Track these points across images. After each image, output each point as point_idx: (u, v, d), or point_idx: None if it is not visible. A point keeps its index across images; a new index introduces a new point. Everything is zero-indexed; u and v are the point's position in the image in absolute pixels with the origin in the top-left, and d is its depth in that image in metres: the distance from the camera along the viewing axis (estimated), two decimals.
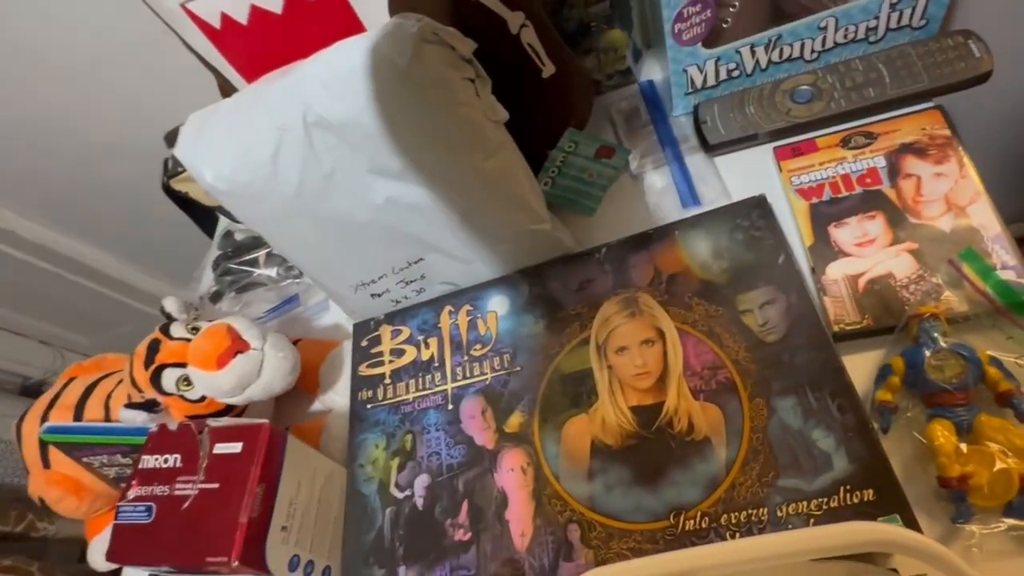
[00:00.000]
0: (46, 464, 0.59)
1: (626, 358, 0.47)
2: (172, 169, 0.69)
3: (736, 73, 0.58)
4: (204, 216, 0.82)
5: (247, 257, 0.70)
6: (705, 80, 0.58)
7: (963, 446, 0.38)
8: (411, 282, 0.56)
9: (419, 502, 0.48)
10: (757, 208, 0.49)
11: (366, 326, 0.58)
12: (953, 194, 0.47)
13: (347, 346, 0.59)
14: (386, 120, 0.39)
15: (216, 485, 0.42)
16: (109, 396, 0.56)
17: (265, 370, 0.48)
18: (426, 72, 0.38)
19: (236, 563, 0.39)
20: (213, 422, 0.44)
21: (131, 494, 0.44)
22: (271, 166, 0.43)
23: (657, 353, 0.46)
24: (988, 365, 0.40)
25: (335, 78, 0.39)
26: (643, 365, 0.46)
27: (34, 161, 0.97)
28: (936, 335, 0.41)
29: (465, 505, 0.46)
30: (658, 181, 0.59)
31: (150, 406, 0.48)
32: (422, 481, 0.49)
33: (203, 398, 0.49)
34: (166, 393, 0.48)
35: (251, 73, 0.47)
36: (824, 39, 0.55)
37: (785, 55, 0.56)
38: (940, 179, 0.48)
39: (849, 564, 0.32)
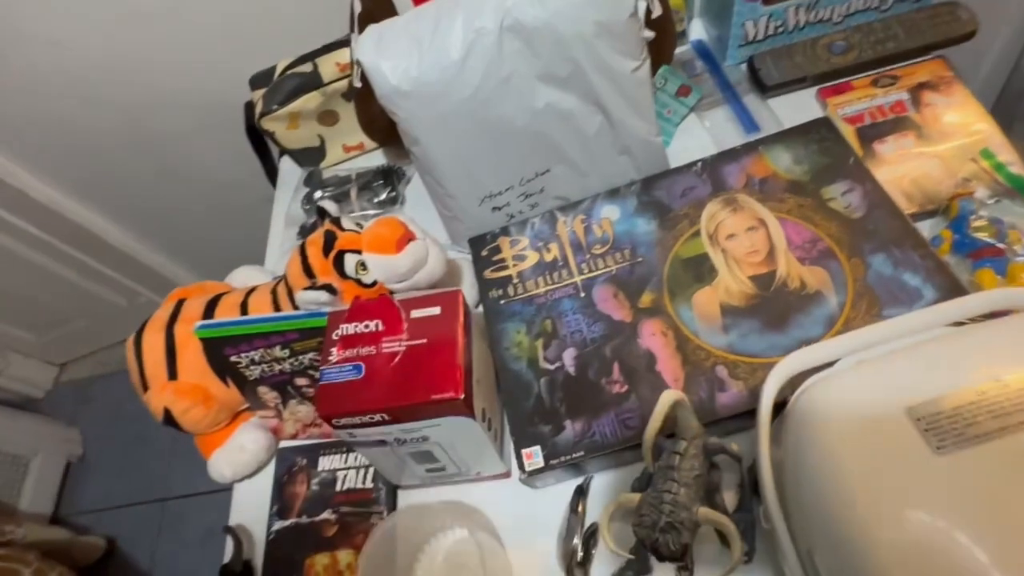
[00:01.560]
0: (172, 375, 0.59)
1: (735, 242, 0.57)
2: (265, 108, 0.72)
3: (781, 30, 0.71)
4: (271, 163, 0.84)
5: (338, 190, 0.74)
6: (756, 34, 0.71)
7: (1003, 283, 0.52)
8: (530, 195, 0.63)
9: (571, 370, 0.55)
10: (824, 126, 0.61)
11: (482, 239, 0.64)
12: (962, 116, 0.62)
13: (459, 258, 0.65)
14: (573, 28, 0.48)
15: (424, 341, 0.47)
16: (248, 297, 0.59)
17: (431, 257, 0.54)
18: None
19: (461, 396, 0.44)
20: (400, 296, 0.50)
21: (334, 357, 0.47)
22: (459, 67, 0.50)
23: (762, 236, 0.57)
24: (1011, 228, 0.54)
25: None
26: (752, 246, 0.57)
27: (70, 110, 0.94)
28: (973, 209, 0.55)
29: (616, 366, 0.54)
30: (721, 115, 0.71)
31: (330, 288, 0.52)
32: (570, 353, 0.56)
33: (374, 283, 0.53)
34: (345, 277, 0.52)
35: None
36: (848, 5, 0.69)
37: (818, 17, 0.70)
38: (951, 106, 0.63)
39: None
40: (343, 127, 0.78)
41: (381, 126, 0.67)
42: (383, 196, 0.74)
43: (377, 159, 0.81)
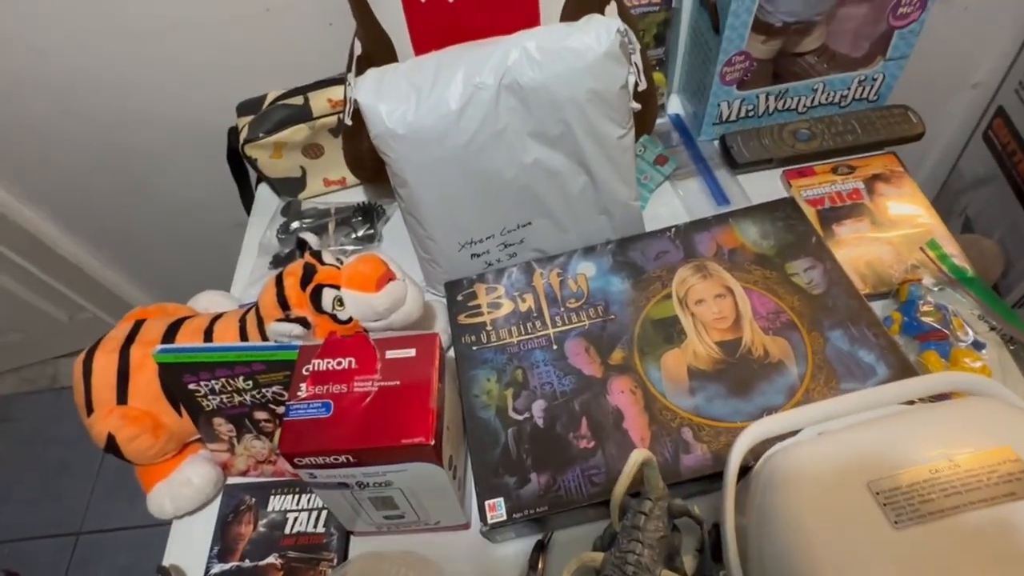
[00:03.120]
0: (121, 399, 0.56)
1: (704, 308, 0.59)
2: (251, 135, 0.72)
3: (751, 113, 0.76)
4: (248, 190, 0.84)
5: (316, 223, 0.73)
6: (730, 115, 0.76)
7: (947, 365, 0.55)
8: (510, 245, 0.65)
9: (539, 422, 0.55)
10: (790, 205, 0.65)
11: (459, 284, 0.65)
12: (911, 207, 0.67)
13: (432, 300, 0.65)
14: (568, 92, 0.50)
15: (397, 382, 0.46)
16: (213, 323, 0.57)
17: (409, 298, 0.54)
18: (611, 58, 0.50)
19: (432, 442, 0.43)
20: (374, 334, 0.49)
21: (303, 393, 0.46)
22: (456, 116, 0.52)
23: (729, 304, 0.59)
24: (954, 315, 0.58)
25: (541, 51, 0.49)
26: (719, 312, 0.59)
27: (43, 118, 0.91)
28: (921, 294, 0.59)
29: (584, 421, 0.54)
30: (694, 186, 0.75)
31: (304, 322, 0.50)
32: (539, 405, 0.56)
33: (350, 319, 0.52)
34: (321, 311, 0.51)
35: (424, 45, 0.55)
36: (813, 98, 0.76)
37: (786, 106, 0.76)
38: (901, 197, 0.69)
39: None
40: (326, 161, 0.78)
41: (367, 165, 0.68)
42: (361, 232, 0.74)
43: (356, 195, 0.81)
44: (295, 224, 0.74)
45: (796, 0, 0.68)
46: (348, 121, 0.65)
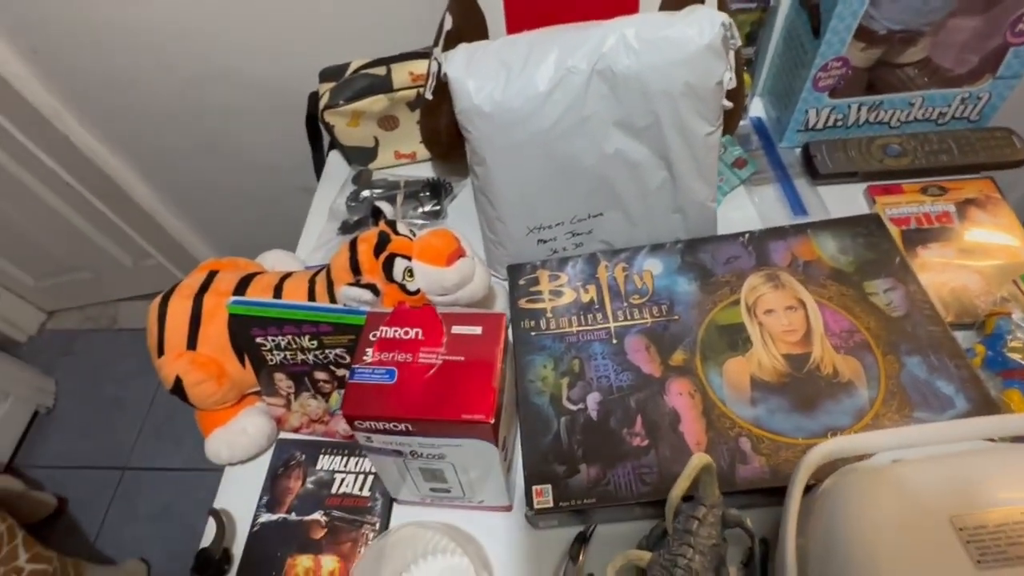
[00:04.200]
0: (191, 345, 0.58)
1: (773, 319, 0.58)
2: (331, 101, 0.73)
3: (840, 123, 0.73)
4: (321, 155, 0.85)
5: (386, 194, 0.74)
6: (816, 123, 0.73)
7: None
8: (578, 234, 0.64)
9: (593, 414, 0.54)
10: (874, 222, 0.62)
11: (522, 268, 0.65)
12: (1006, 237, 0.64)
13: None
14: (662, 84, 0.49)
15: (461, 358, 0.47)
16: (283, 281, 0.58)
17: (477, 276, 0.54)
18: (711, 52, 0.49)
19: (492, 421, 0.44)
20: (440, 308, 0.49)
21: (369, 358, 0.47)
22: (544, 98, 0.51)
23: (800, 317, 0.57)
24: None
25: (640, 40, 0.48)
26: (789, 325, 0.57)
27: (135, 65, 0.94)
28: (1010, 329, 0.56)
29: (639, 419, 0.54)
30: (770, 193, 0.72)
31: (374, 289, 0.51)
32: (594, 397, 0.55)
33: (417, 291, 0.53)
34: (391, 280, 0.52)
35: (518, 24, 0.55)
36: (909, 112, 0.72)
37: (878, 118, 0.73)
38: (996, 226, 0.65)
39: None
40: (400, 134, 0.79)
41: (442, 140, 0.68)
42: (427, 208, 0.75)
43: (424, 171, 0.82)
44: (365, 193, 0.75)
45: (904, 7, 0.65)
46: (429, 95, 0.65)
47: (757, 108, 0.82)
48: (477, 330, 0.48)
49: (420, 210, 0.75)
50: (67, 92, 1.00)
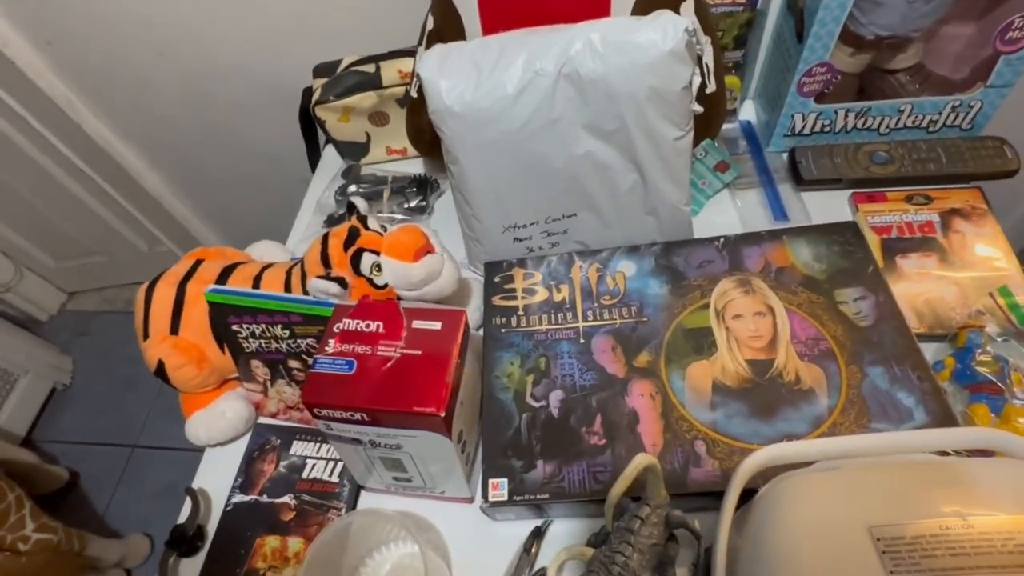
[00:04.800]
0: (174, 329, 0.61)
1: (741, 324, 0.58)
2: (322, 96, 0.75)
3: (827, 128, 0.72)
4: (316, 149, 0.87)
5: (372, 189, 0.76)
6: (803, 128, 0.72)
7: (996, 422, 0.51)
8: (553, 234, 0.65)
9: (554, 412, 0.55)
10: (850, 230, 0.62)
11: (498, 266, 0.66)
12: (989, 249, 0.63)
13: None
14: (627, 88, 0.49)
15: (419, 352, 0.48)
16: (263, 272, 0.60)
17: (444, 272, 0.55)
18: (675, 57, 0.49)
19: (442, 415, 0.45)
20: (406, 304, 0.51)
21: (331, 349, 0.49)
22: (513, 99, 0.52)
23: (768, 323, 0.57)
24: (1014, 370, 0.54)
25: (605, 44, 0.48)
26: (756, 331, 0.57)
27: (143, 60, 0.98)
28: (980, 343, 0.55)
29: (599, 418, 0.54)
30: (753, 198, 0.72)
31: (342, 282, 0.53)
32: (557, 395, 0.56)
33: (385, 285, 0.54)
34: (359, 274, 0.53)
35: (493, 25, 0.56)
36: (898, 120, 0.71)
37: (866, 124, 0.72)
38: (980, 237, 0.64)
39: None
40: (391, 130, 0.80)
41: (426, 138, 0.70)
42: (413, 203, 0.76)
43: (415, 167, 0.83)
44: (352, 187, 0.77)
45: (893, 13, 0.64)
46: (414, 93, 0.66)
47: (748, 111, 0.81)
48: (437, 326, 0.50)
49: (406, 205, 0.76)
50: (80, 83, 1.04)
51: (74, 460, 1.54)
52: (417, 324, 0.50)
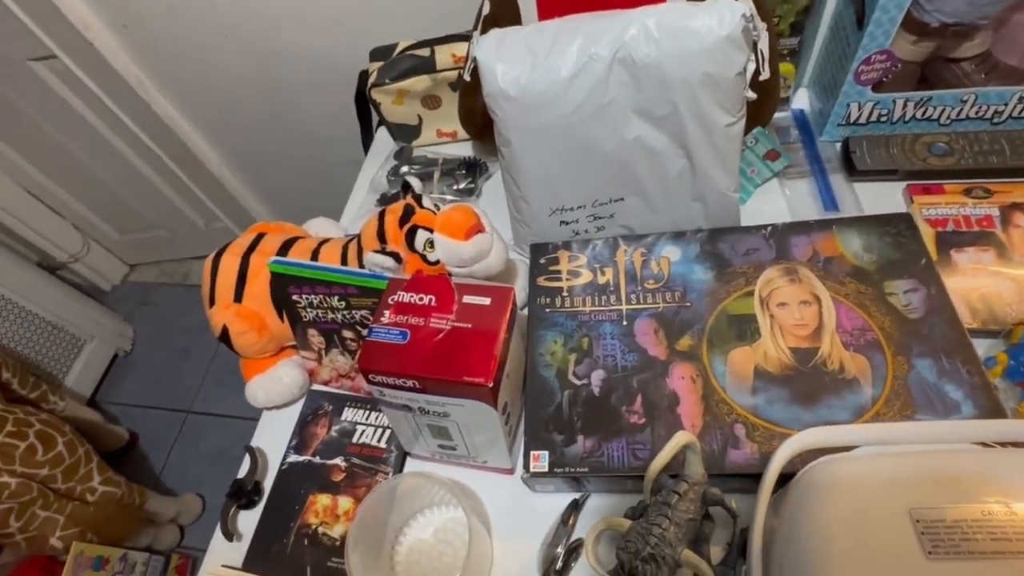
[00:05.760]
0: (238, 298, 0.65)
1: (785, 312, 0.58)
2: (378, 79, 0.78)
3: (884, 118, 0.71)
4: (369, 131, 0.90)
5: (423, 170, 0.78)
6: (859, 117, 0.71)
7: None
8: (599, 218, 0.66)
9: (596, 390, 0.57)
10: (904, 222, 0.61)
11: (544, 247, 0.67)
12: None
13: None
14: (681, 73, 0.50)
15: (469, 325, 0.50)
16: (321, 246, 0.64)
17: (493, 252, 0.57)
18: (731, 43, 0.49)
19: (490, 385, 0.47)
20: (456, 279, 0.53)
21: (386, 319, 0.51)
22: (567, 83, 0.53)
23: (813, 312, 0.57)
24: None
25: (660, 29, 0.49)
26: (801, 319, 0.57)
27: (209, 42, 1.02)
28: None
29: (640, 398, 0.56)
30: (803, 187, 0.71)
31: (397, 257, 0.56)
32: (599, 375, 0.58)
33: (437, 262, 0.57)
34: (413, 250, 0.56)
35: (549, 11, 0.57)
36: (960, 110, 0.69)
37: (926, 115, 0.70)
38: None
39: None
40: (442, 113, 0.83)
41: (477, 121, 0.71)
42: (462, 185, 0.78)
43: (465, 150, 0.85)
44: (404, 168, 0.80)
45: (959, 0, 0.62)
46: (467, 77, 0.68)
47: (802, 100, 0.80)
48: (486, 301, 0.52)
49: (455, 187, 0.78)
50: (150, 64, 1.10)
51: (133, 422, 1.64)
52: (468, 299, 0.52)
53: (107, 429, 1.51)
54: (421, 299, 0.52)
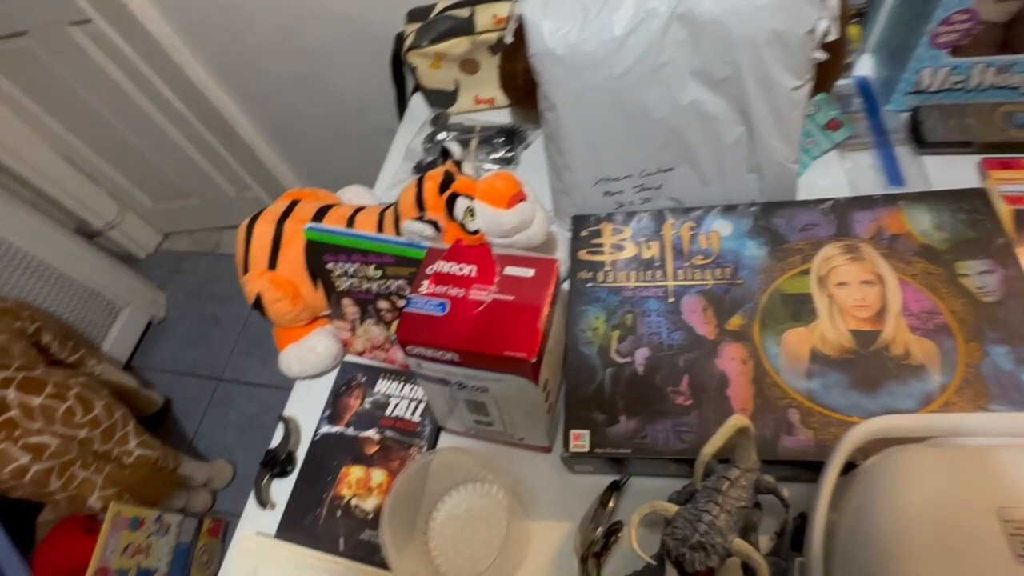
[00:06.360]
0: (272, 265, 0.64)
1: (846, 292, 0.54)
2: (415, 42, 0.75)
3: (959, 86, 0.66)
4: (404, 97, 0.87)
5: (461, 137, 0.76)
6: (931, 84, 0.66)
7: None
8: (646, 189, 0.63)
9: (639, 369, 0.54)
10: (979, 198, 0.57)
11: (586, 219, 0.64)
12: None
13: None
14: (746, 31, 0.46)
15: (511, 298, 0.48)
16: (356, 213, 0.62)
17: (536, 222, 0.54)
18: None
19: (533, 360, 0.45)
20: (499, 249, 0.51)
21: (424, 289, 0.49)
22: (619, 43, 0.50)
23: (876, 293, 0.54)
24: None
25: None
26: (862, 300, 0.54)
27: (249, 4, 1.00)
28: None
29: (686, 378, 0.53)
30: (865, 160, 0.67)
31: (436, 225, 0.53)
32: (643, 353, 0.55)
33: (477, 231, 0.54)
34: (453, 218, 0.54)
35: None
36: None
37: (1007, 82, 0.64)
38: None
39: None
40: (480, 78, 0.79)
41: (519, 84, 0.68)
42: (500, 154, 0.75)
43: (502, 118, 0.82)
44: (441, 135, 0.77)
45: None
46: (509, 39, 0.65)
47: (865, 66, 0.74)
48: (529, 273, 0.49)
49: (493, 156, 0.76)
50: (183, 26, 1.08)
51: (167, 388, 1.68)
52: (510, 270, 0.50)
53: (143, 394, 1.54)
54: (461, 269, 0.50)
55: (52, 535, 1.16)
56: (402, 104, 0.88)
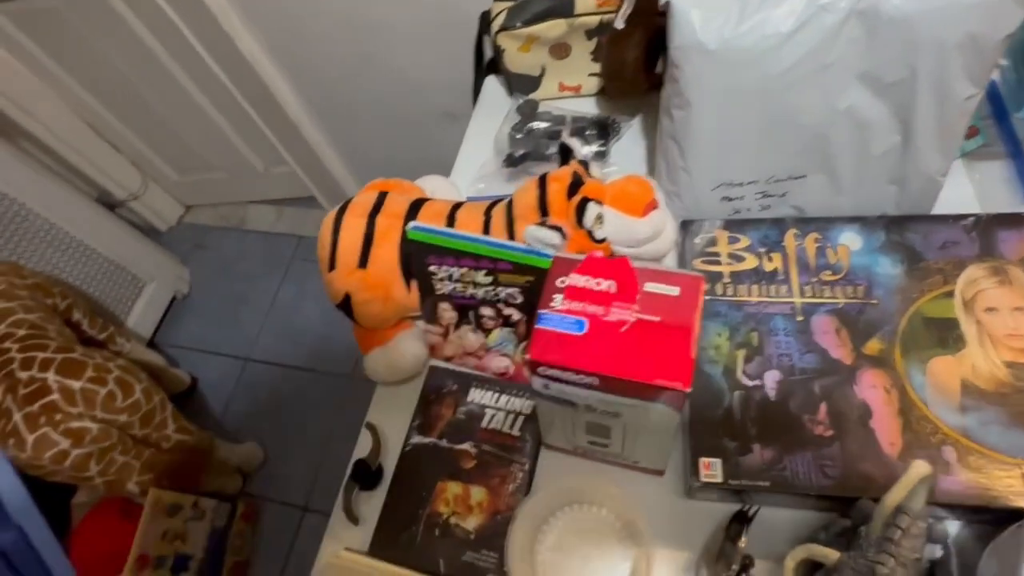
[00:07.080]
0: (362, 263, 0.59)
1: (996, 319, 0.51)
2: (508, 22, 0.69)
3: None
4: (481, 80, 0.82)
5: (551, 128, 0.71)
6: None
7: None
8: (769, 196, 0.58)
9: (771, 393, 0.51)
10: None
11: (698, 225, 0.60)
12: None
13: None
14: (935, 32, 0.41)
15: (657, 318, 0.44)
16: (455, 211, 0.57)
17: (666, 231, 0.50)
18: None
19: (688, 390, 0.41)
20: (638, 262, 0.46)
21: (558, 305, 0.45)
22: (784, 39, 0.45)
23: None
24: None
25: None
26: (1016, 328, 0.50)
27: None
28: None
29: (823, 406, 0.49)
30: (995, 171, 0.62)
31: (562, 232, 0.49)
32: (773, 376, 0.52)
33: (604, 240, 0.50)
34: (580, 226, 0.49)
35: None
36: None
37: None
38: None
39: None
40: (569, 64, 0.74)
41: (626, 75, 0.63)
42: (593, 148, 0.70)
43: (586, 106, 0.77)
44: (534, 124, 0.72)
45: None
46: (620, 24, 0.60)
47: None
48: (674, 291, 0.45)
49: (584, 150, 0.71)
50: None
51: (191, 366, 1.64)
52: (651, 287, 0.45)
53: (170, 372, 1.50)
54: (598, 284, 0.45)
55: (89, 518, 1.14)
56: (477, 88, 0.82)
